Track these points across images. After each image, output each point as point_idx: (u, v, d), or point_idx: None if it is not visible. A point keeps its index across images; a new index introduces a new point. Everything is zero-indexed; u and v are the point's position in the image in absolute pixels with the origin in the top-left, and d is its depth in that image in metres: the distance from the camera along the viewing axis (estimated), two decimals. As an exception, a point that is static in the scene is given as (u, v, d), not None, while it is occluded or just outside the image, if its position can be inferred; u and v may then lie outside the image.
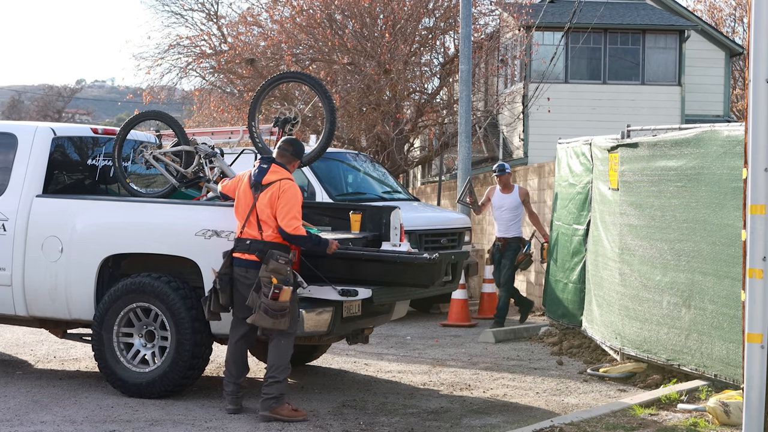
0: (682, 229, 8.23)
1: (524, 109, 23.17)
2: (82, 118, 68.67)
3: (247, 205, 7.19)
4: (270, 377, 7.06)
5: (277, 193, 7.10)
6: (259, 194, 7.13)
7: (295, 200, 7.14)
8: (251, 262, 7.08)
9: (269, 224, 7.11)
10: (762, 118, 5.48)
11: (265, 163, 7.28)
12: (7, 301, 8.29)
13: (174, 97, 26.63)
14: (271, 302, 6.87)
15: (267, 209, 7.10)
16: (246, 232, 7.15)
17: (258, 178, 7.20)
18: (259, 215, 7.11)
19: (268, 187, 7.13)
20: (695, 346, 7.99)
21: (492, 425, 7.02)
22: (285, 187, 7.13)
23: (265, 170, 7.22)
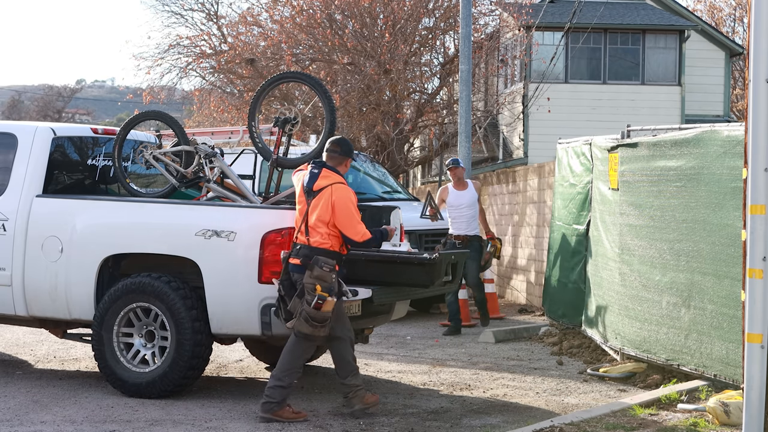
0: (682, 229, 8.23)
1: (524, 109, 23.17)
2: (82, 118, 68.67)
3: (301, 211, 7.15)
4: (276, 379, 7.00)
5: (329, 201, 7.03)
6: (312, 200, 7.08)
7: (350, 205, 7.08)
8: (297, 266, 7.03)
9: (317, 230, 7.04)
10: (762, 118, 5.48)
11: (315, 168, 7.18)
12: (7, 301, 8.29)
13: (174, 97, 26.63)
14: (313, 311, 6.82)
15: (317, 215, 7.03)
16: (298, 237, 7.11)
17: (309, 185, 7.13)
18: (309, 220, 7.06)
19: (319, 194, 7.07)
20: (695, 346, 7.99)
21: (492, 425, 7.02)
22: (337, 195, 7.05)
23: (316, 176, 7.14)
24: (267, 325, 7.37)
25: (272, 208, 7.86)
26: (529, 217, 15.93)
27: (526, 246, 16.02)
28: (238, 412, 7.33)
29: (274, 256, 7.34)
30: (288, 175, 10.90)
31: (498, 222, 17.71)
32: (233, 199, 8.45)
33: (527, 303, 15.67)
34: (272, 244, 7.36)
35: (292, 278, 7.07)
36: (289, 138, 8.58)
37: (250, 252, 7.43)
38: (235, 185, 8.61)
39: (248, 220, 7.59)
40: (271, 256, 7.35)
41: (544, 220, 14.78)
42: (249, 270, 7.42)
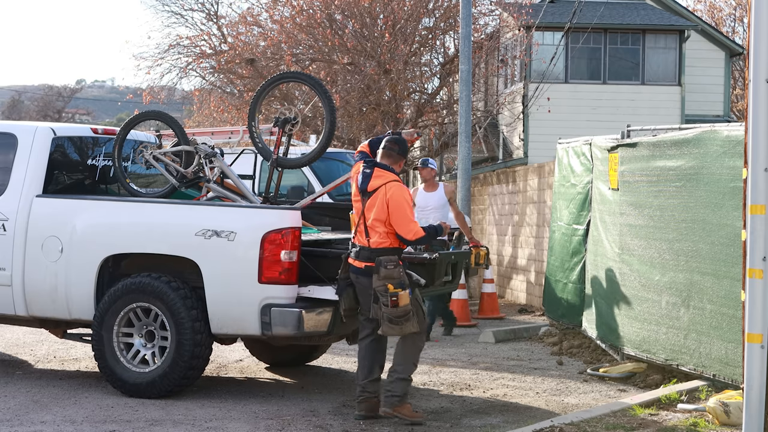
0: (681, 229, 8.23)
1: (524, 109, 23.16)
2: (82, 118, 68.64)
3: (357, 211, 7.16)
4: (395, 374, 7.02)
5: (384, 200, 7.01)
6: (367, 200, 7.07)
7: (404, 203, 7.05)
8: (360, 269, 7.03)
9: (376, 230, 7.04)
10: (762, 118, 5.48)
11: (368, 168, 7.15)
12: (7, 301, 8.28)
13: (174, 97, 26.62)
14: (392, 310, 6.81)
15: (374, 216, 7.03)
16: (357, 237, 7.12)
17: (363, 185, 7.11)
18: (366, 221, 7.06)
19: (374, 194, 7.05)
20: (694, 345, 7.99)
21: (492, 425, 7.02)
22: (391, 193, 7.01)
23: (369, 175, 7.11)
24: (267, 325, 7.37)
25: (272, 208, 7.85)
26: (529, 217, 15.93)
27: (526, 246, 16.02)
28: (238, 412, 7.33)
29: (274, 256, 7.34)
30: (288, 175, 10.94)
31: (498, 222, 17.72)
32: (233, 199, 8.45)
33: (527, 303, 15.67)
34: (272, 244, 7.36)
35: (353, 279, 7.09)
36: (289, 138, 8.58)
37: (250, 252, 7.43)
38: (235, 185, 8.61)
39: (248, 220, 7.58)
40: (271, 256, 7.35)
41: (544, 220, 14.78)
42: (249, 270, 7.42)
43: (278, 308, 7.33)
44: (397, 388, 7.01)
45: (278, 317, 7.32)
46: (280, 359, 9.43)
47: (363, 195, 7.10)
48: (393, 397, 7.01)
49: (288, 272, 7.37)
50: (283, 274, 7.35)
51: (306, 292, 7.45)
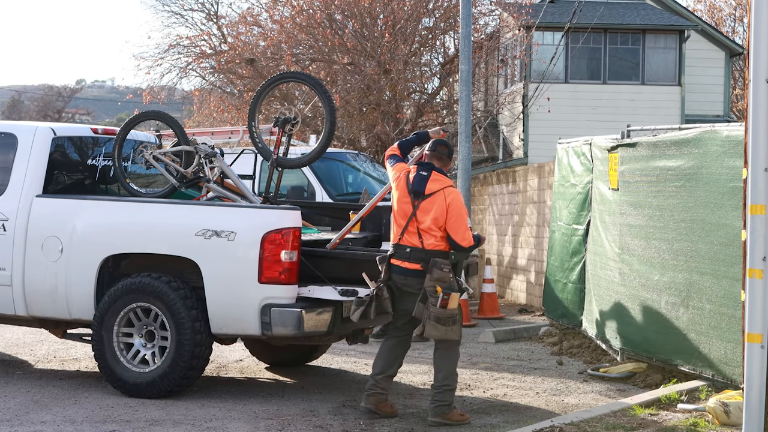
0: (681, 229, 8.23)
1: (524, 109, 23.16)
2: (82, 118, 68.62)
3: (406, 213, 7.10)
4: (443, 385, 7.03)
5: (444, 205, 7.01)
6: (421, 203, 7.05)
7: (463, 210, 7.12)
8: (412, 271, 7.02)
9: (431, 234, 7.03)
10: (762, 118, 5.48)
11: (424, 171, 7.14)
12: (7, 301, 8.28)
13: (174, 97, 26.61)
14: (440, 311, 6.83)
15: (431, 220, 7.01)
16: (405, 239, 7.07)
17: (419, 187, 7.08)
18: (420, 225, 7.03)
19: (431, 197, 7.05)
20: (693, 345, 7.99)
21: (492, 425, 7.02)
22: (450, 198, 7.05)
23: (426, 178, 7.10)
24: (267, 325, 7.37)
25: (272, 208, 7.85)
26: (529, 217, 15.93)
27: (526, 246, 16.02)
28: (238, 412, 7.33)
29: (274, 256, 7.34)
30: (288, 175, 10.94)
31: (498, 222, 17.71)
32: (233, 199, 8.45)
33: (527, 303, 15.67)
34: (272, 244, 7.36)
35: (398, 281, 7.06)
36: (289, 138, 8.58)
37: (250, 252, 7.43)
38: (235, 185, 8.62)
39: (248, 220, 7.59)
40: (271, 256, 7.35)
41: (544, 220, 14.79)
42: (249, 270, 7.42)
43: (278, 308, 7.34)
44: (447, 397, 7.06)
45: (278, 317, 7.33)
46: (280, 359, 9.43)
47: (416, 197, 7.07)
48: (443, 406, 7.04)
49: (288, 272, 7.37)
50: (283, 274, 7.36)
51: (306, 292, 7.45)
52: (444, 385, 7.06)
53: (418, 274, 7.01)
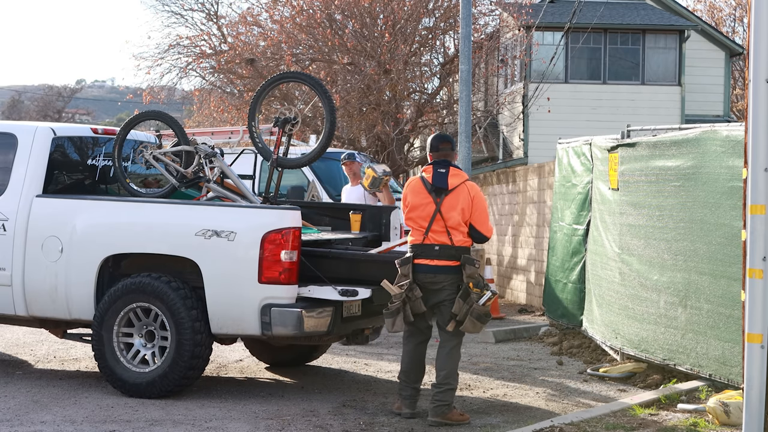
0: (679, 229, 8.24)
1: (524, 109, 23.16)
2: (82, 118, 68.63)
3: (428, 212, 7.09)
4: (444, 384, 7.05)
5: (468, 199, 7.08)
6: (445, 199, 7.07)
7: (485, 201, 7.27)
8: (443, 268, 7.04)
9: (459, 230, 7.07)
10: (762, 118, 5.48)
11: (441, 168, 7.17)
12: (7, 301, 8.28)
13: (174, 97, 26.61)
14: (482, 308, 6.91)
15: (458, 215, 7.05)
16: (431, 238, 7.07)
17: (442, 183, 7.10)
18: (447, 221, 7.05)
19: (454, 192, 7.08)
20: (691, 345, 8.00)
21: (492, 425, 7.02)
22: (474, 192, 7.15)
23: (446, 174, 7.13)
24: (267, 325, 7.37)
25: (272, 208, 7.85)
26: (529, 217, 15.93)
27: (526, 246, 16.03)
28: (238, 412, 7.33)
29: (274, 256, 7.34)
30: (288, 175, 10.93)
31: (498, 222, 17.71)
32: (233, 199, 8.45)
33: (527, 303, 15.67)
34: (272, 244, 7.36)
35: (424, 279, 7.04)
36: (289, 138, 8.58)
37: (250, 252, 7.43)
38: (235, 185, 8.61)
39: (248, 220, 7.58)
40: (271, 256, 7.35)
41: (544, 220, 14.79)
42: (249, 270, 7.42)
43: (278, 308, 7.34)
44: (448, 397, 7.08)
45: (278, 317, 7.33)
46: (280, 359, 9.42)
47: (437, 194, 7.09)
48: (443, 405, 7.05)
49: (288, 272, 7.37)
50: (283, 274, 7.36)
51: (306, 292, 7.45)
52: (445, 383, 7.06)
53: (450, 270, 7.04)
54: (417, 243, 7.11)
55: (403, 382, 7.27)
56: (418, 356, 7.30)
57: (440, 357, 7.14)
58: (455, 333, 7.11)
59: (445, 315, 7.09)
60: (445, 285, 7.05)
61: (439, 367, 7.13)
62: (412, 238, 7.17)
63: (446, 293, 7.07)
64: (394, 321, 7.04)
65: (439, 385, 7.07)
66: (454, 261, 7.03)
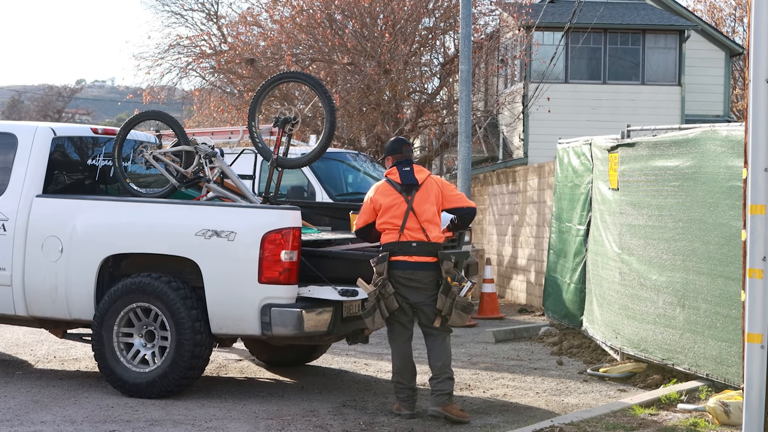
0: (678, 229, 8.24)
1: (524, 109, 23.16)
2: (82, 118, 68.61)
3: (401, 210, 7.18)
4: (442, 374, 7.14)
5: (437, 188, 7.27)
6: (415, 195, 7.18)
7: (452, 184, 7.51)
8: (422, 264, 7.12)
9: (434, 224, 7.18)
10: (762, 118, 5.48)
11: (407, 166, 7.33)
12: (7, 301, 8.28)
13: (174, 97, 26.60)
14: (464, 299, 7.04)
15: (432, 206, 7.20)
16: (407, 235, 7.13)
17: (411, 180, 7.23)
18: (421, 216, 7.15)
19: (423, 186, 7.23)
20: (689, 345, 8.00)
21: (492, 425, 7.02)
22: (439, 180, 7.38)
23: (411, 171, 7.29)
24: (267, 325, 7.37)
25: (272, 208, 7.85)
26: (529, 217, 15.93)
27: (526, 246, 16.02)
28: (238, 412, 7.33)
29: (274, 256, 7.34)
30: (288, 175, 10.93)
31: (498, 222, 17.71)
32: (233, 199, 8.45)
33: (527, 303, 15.67)
34: (272, 244, 7.36)
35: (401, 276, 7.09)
36: (289, 138, 8.59)
37: (250, 252, 7.43)
38: (235, 185, 8.61)
39: (248, 220, 7.58)
40: (271, 256, 7.35)
41: (544, 220, 14.79)
42: (249, 270, 7.42)
43: (278, 308, 7.34)
44: (447, 386, 7.14)
45: (278, 317, 7.33)
46: (280, 359, 9.43)
47: (408, 192, 7.19)
48: (443, 395, 7.11)
49: (288, 272, 7.37)
50: (283, 274, 7.36)
51: (306, 292, 7.45)
52: (443, 373, 7.12)
53: (428, 266, 7.12)
54: (393, 241, 7.17)
55: (398, 384, 7.30)
56: (407, 354, 7.32)
57: (434, 351, 7.20)
58: (443, 328, 7.20)
59: (429, 314, 7.17)
60: (425, 283, 7.11)
61: (435, 358, 7.18)
62: (387, 237, 7.22)
63: (425, 294, 7.14)
64: (373, 319, 7.09)
65: (436, 376, 7.13)
66: (431, 257, 7.12)
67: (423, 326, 7.31)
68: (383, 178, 7.41)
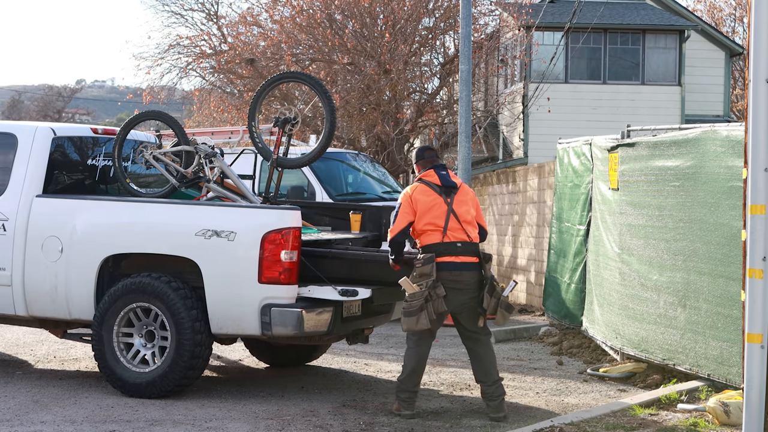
0: (679, 229, 8.24)
1: (524, 109, 23.16)
2: (82, 118, 68.61)
3: (443, 211, 7.20)
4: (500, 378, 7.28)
5: (473, 196, 7.41)
6: (455, 196, 7.24)
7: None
8: (468, 264, 7.16)
9: (472, 225, 7.27)
10: (762, 118, 5.48)
11: (442, 170, 7.39)
12: (7, 301, 8.28)
13: (174, 97, 26.60)
14: (507, 300, 7.19)
15: (471, 210, 7.30)
16: (451, 236, 7.16)
17: (450, 182, 7.30)
18: (462, 217, 7.22)
19: (461, 189, 7.32)
20: (690, 345, 8.00)
21: (492, 425, 7.02)
22: (471, 192, 7.51)
23: (448, 174, 7.36)
24: (267, 325, 7.37)
25: (272, 208, 7.85)
26: (529, 217, 15.94)
27: (526, 246, 16.02)
28: (238, 412, 7.33)
29: (274, 256, 7.34)
30: (288, 175, 10.92)
31: (498, 222, 17.71)
32: (233, 199, 8.45)
33: (527, 303, 15.67)
34: (272, 244, 7.36)
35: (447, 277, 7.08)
36: (289, 138, 8.59)
37: (250, 252, 7.43)
38: (235, 185, 8.62)
39: (248, 220, 7.58)
40: (271, 256, 7.35)
41: (544, 220, 14.79)
42: (249, 270, 7.42)
43: (278, 308, 7.34)
44: (503, 390, 7.30)
45: (278, 317, 7.33)
46: (280, 359, 9.43)
47: (448, 193, 7.24)
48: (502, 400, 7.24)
49: (288, 272, 7.37)
50: (283, 274, 7.35)
51: (306, 292, 7.45)
52: (499, 378, 7.29)
53: (473, 266, 7.18)
54: (437, 242, 7.17)
55: (405, 384, 7.27)
56: (424, 357, 7.33)
57: (487, 356, 7.31)
58: (485, 331, 7.30)
59: (471, 316, 7.22)
60: (469, 284, 7.16)
61: (487, 364, 7.27)
62: (429, 238, 7.20)
63: (468, 295, 7.17)
64: (418, 319, 7.03)
65: (495, 381, 7.22)
66: (475, 257, 7.19)
67: (467, 331, 7.33)
68: (416, 182, 7.40)
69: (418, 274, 7.08)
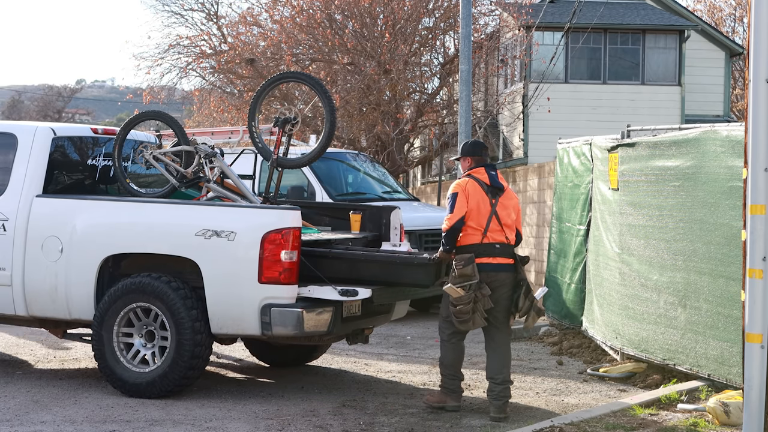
0: (679, 229, 8.24)
1: (524, 109, 23.17)
2: (82, 118, 68.62)
3: (486, 211, 7.25)
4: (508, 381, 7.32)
5: (517, 199, 7.51)
6: (499, 199, 7.28)
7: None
8: (504, 266, 7.24)
9: (512, 228, 7.33)
10: (762, 118, 5.48)
11: (492, 169, 7.42)
12: (7, 301, 8.28)
13: (174, 97, 26.62)
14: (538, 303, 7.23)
15: (512, 214, 7.35)
16: (490, 237, 7.22)
17: (498, 183, 7.34)
18: (504, 219, 7.28)
19: (506, 192, 7.37)
20: (690, 345, 8.00)
21: (492, 425, 7.03)
22: (516, 196, 7.55)
23: (497, 175, 7.39)
24: (267, 325, 7.36)
25: (272, 208, 7.85)
26: (529, 217, 15.94)
27: (526, 246, 16.03)
28: (238, 412, 7.33)
29: (274, 256, 7.34)
30: (288, 175, 10.92)
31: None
32: (233, 199, 8.45)
33: (527, 303, 15.65)
34: (272, 244, 7.36)
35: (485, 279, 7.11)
36: (289, 138, 8.58)
37: (250, 252, 7.42)
38: (235, 185, 8.61)
39: (248, 220, 7.58)
40: (271, 256, 7.34)
41: (544, 220, 14.79)
42: (249, 270, 7.42)
43: (278, 308, 7.34)
44: (509, 393, 7.35)
45: (278, 317, 7.33)
46: (280, 359, 9.42)
47: (494, 195, 7.29)
48: (507, 400, 7.29)
49: (288, 272, 7.37)
50: (283, 274, 7.35)
51: (306, 292, 7.45)
52: (509, 381, 7.32)
53: (509, 268, 7.26)
54: (476, 243, 7.22)
55: (450, 376, 7.40)
56: (462, 348, 7.46)
57: (504, 355, 7.33)
58: (509, 331, 7.40)
59: (500, 312, 7.27)
60: (504, 284, 7.23)
61: (503, 365, 7.29)
62: (468, 238, 7.23)
63: (501, 292, 7.25)
64: (473, 320, 7.12)
65: (504, 382, 7.25)
66: (511, 259, 7.28)
67: (493, 328, 7.33)
68: (465, 177, 7.39)
69: (459, 275, 7.09)
